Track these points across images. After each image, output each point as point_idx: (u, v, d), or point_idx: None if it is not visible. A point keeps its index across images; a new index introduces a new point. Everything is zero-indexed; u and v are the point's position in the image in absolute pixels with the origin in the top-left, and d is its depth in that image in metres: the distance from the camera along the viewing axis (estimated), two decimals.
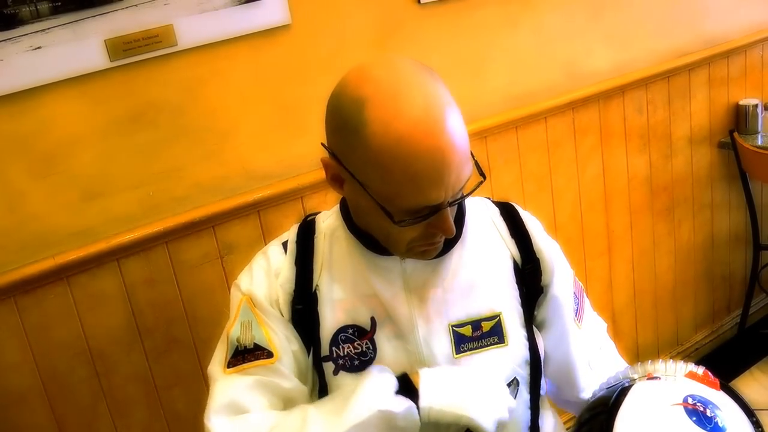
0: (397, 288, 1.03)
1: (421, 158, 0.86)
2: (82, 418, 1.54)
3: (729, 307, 2.78)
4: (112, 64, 1.43)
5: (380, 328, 1.04)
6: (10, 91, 1.35)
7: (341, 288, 1.05)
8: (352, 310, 1.04)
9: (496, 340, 1.04)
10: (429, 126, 0.86)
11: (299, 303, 1.05)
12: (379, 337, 1.04)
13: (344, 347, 1.04)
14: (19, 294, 1.43)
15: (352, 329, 1.04)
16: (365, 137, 0.87)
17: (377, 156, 0.87)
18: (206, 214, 1.57)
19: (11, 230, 1.42)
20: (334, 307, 1.04)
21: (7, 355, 1.44)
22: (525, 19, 1.97)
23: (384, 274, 1.03)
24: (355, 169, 0.92)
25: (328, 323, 1.04)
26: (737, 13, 2.46)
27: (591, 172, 2.19)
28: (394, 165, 0.87)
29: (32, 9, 1.33)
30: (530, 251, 1.09)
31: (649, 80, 2.24)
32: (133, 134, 1.49)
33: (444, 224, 0.93)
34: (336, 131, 0.94)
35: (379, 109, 0.87)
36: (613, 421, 0.87)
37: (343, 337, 1.04)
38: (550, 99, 2.04)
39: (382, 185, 0.90)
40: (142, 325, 1.57)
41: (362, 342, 1.03)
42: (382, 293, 1.03)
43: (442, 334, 1.03)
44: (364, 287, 1.04)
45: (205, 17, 1.50)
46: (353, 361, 1.03)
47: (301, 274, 1.06)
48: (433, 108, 0.87)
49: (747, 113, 2.47)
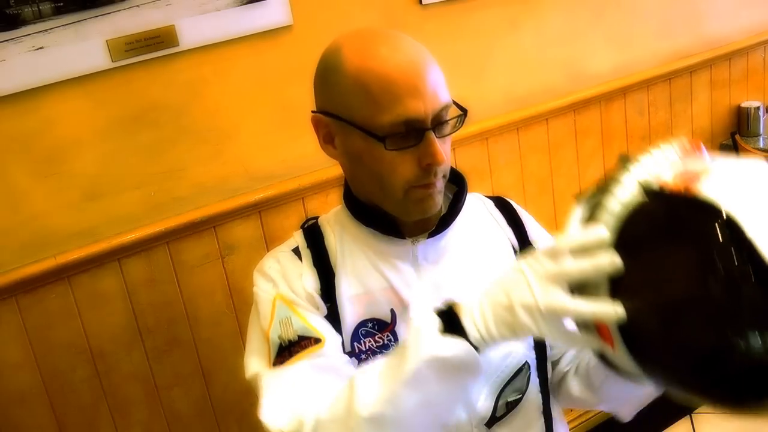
0: (411, 278, 1.04)
1: (395, 67, 0.92)
2: (83, 418, 1.54)
3: None
4: (114, 65, 1.44)
5: (400, 320, 1.04)
6: (12, 91, 1.36)
7: (358, 283, 1.05)
8: (371, 303, 1.04)
9: None
10: (402, 45, 0.95)
11: (328, 301, 1.04)
12: (401, 329, 1.04)
13: (365, 342, 1.03)
14: (21, 294, 1.43)
15: (372, 323, 1.04)
16: (343, 68, 0.95)
17: (354, 78, 0.93)
18: (207, 214, 1.57)
19: (13, 230, 1.42)
20: (353, 302, 1.04)
21: (8, 355, 1.44)
22: (526, 21, 1.97)
23: (397, 264, 1.04)
24: (339, 106, 0.97)
25: (348, 319, 1.04)
26: (739, 14, 2.45)
27: (592, 174, 2.19)
28: (369, 79, 0.92)
29: (34, 9, 1.33)
30: (526, 238, 1.12)
31: (650, 82, 2.24)
32: (134, 134, 1.50)
33: (432, 149, 0.94)
34: (320, 86, 1.01)
35: (354, 45, 0.96)
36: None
37: (363, 331, 1.04)
38: (552, 100, 2.04)
39: (363, 107, 0.93)
40: (143, 325, 1.57)
41: (383, 335, 1.04)
42: (397, 285, 1.04)
43: None
44: (379, 280, 1.04)
45: (206, 18, 1.50)
46: (375, 355, 1.03)
47: (322, 273, 1.05)
48: (407, 40, 0.96)
49: (749, 115, 2.47)
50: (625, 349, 0.74)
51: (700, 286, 0.67)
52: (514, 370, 1.04)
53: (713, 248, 0.66)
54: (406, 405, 0.84)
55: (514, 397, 1.04)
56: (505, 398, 1.04)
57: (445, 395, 0.87)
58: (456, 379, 0.85)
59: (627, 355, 0.75)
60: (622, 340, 0.74)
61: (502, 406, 1.04)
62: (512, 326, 0.81)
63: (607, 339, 0.75)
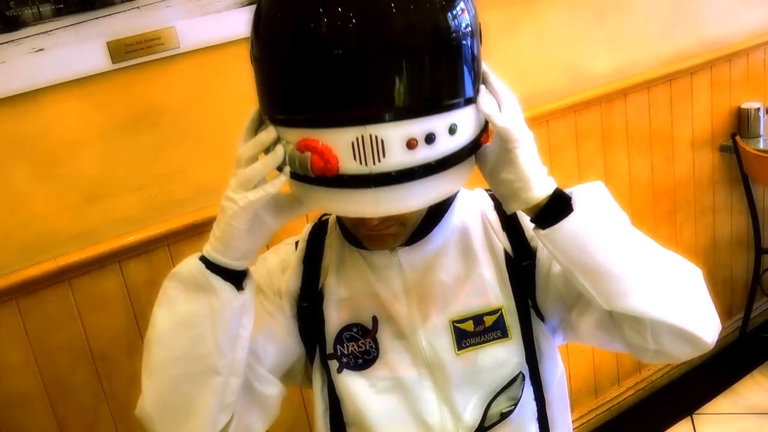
0: (396, 288, 1.03)
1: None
2: (84, 420, 1.54)
3: (731, 311, 2.78)
4: (114, 66, 1.43)
5: (382, 327, 1.04)
6: (12, 93, 1.36)
7: (347, 287, 1.05)
8: (356, 309, 1.05)
9: (499, 334, 1.03)
10: None
11: (305, 301, 1.05)
12: (382, 336, 1.04)
13: (348, 346, 1.04)
14: (21, 296, 1.43)
15: (356, 328, 1.05)
16: None
17: None
18: (208, 216, 1.57)
19: (13, 232, 1.42)
20: (339, 305, 1.05)
21: (9, 357, 1.44)
22: (527, 22, 1.97)
23: (383, 273, 1.03)
24: None
25: (333, 322, 1.05)
26: (739, 16, 2.46)
27: (593, 176, 2.19)
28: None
29: (34, 11, 1.33)
30: (524, 243, 1.05)
31: (651, 83, 2.24)
32: (134, 136, 1.49)
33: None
34: None
35: None
36: None
37: (347, 335, 1.04)
38: (552, 102, 2.04)
39: None
40: (144, 326, 1.55)
41: (366, 341, 1.04)
42: (382, 293, 1.03)
43: (442, 331, 1.03)
44: (366, 286, 1.04)
45: (206, 19, 1.50)
46: (357, 359, 1.04)
47: (307, 272, 1.06)
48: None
49: (749, 117, 2.47)
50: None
51: None
52: (507, 380, 1.03)
53: None
54: (160, 324, 0.91)
55: (507, 407, 1.03)
56: (497, 407, 1.03)
57: (192, 315, 0.89)
58: (193, 296, 0.90)
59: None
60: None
61: (495, 414, 1.02)
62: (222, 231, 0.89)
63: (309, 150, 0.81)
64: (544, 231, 0.87)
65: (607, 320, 0.95)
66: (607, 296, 0.87)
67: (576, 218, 0.86)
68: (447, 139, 0.81)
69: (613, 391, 2.46)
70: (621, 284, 0.86)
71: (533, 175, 0.87)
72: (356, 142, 0.77)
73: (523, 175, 0.87)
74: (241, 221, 0.87)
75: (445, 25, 0.78)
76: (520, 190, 0.87)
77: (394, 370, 1.03)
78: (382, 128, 0.77)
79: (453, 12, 0.79)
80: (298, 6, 0.79)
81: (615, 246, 0.87)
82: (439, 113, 0.79)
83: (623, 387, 2.47)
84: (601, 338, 0.98)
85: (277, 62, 0.82)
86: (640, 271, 0.88)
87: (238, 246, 0.89)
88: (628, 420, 2.45)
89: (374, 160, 0.78)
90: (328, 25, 0.75)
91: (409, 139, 0.78)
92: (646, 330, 0.89)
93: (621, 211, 0.91)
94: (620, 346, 0.96)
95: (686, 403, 2.49)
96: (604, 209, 0.90)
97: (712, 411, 2.47)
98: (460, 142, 0.83)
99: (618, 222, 0.90)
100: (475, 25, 0.84)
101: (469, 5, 0.83)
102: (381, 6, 0.76)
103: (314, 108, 0.80)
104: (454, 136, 0.81)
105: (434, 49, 0.78)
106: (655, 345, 0.89)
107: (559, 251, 0.87)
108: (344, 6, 0.75)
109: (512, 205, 0.90)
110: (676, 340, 0.89)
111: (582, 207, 0.87)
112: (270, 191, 0.85)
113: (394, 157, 0.78)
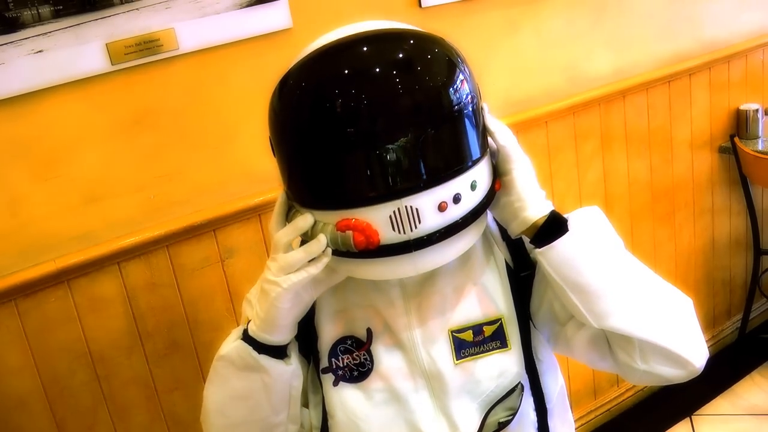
0: (394, 297, 1.02)
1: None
2: (83, 422, 1.54)
3: (729, 312, 2.78)
4: (113, 68, 1.43)
5: (378, 339, 1.03)
6: (11, 95, 1.36)
7: (341, 299, 1.04)
8: (350, 321, 1.04)
9: (498, 344, 1.03)
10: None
11: None
12: (377, 348, 1.03)
13: (343, 358, 1.03)
14: (20, 297, 1.43)
15: (351, 340, 1.04)
16: None
17: None
18: (207, 217, 1.57)
19: (12, 233, 1.42)
20: (333, 318, 1.04)
21: (8, 359, 1.44)
22: (526, 23, 1.97)
23: (381, 283, 1.02)
24: None
25: (327, 335, 1.04)
26: (738, 17, 2.46)
27: (592, 177, 2.19)
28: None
29: (34, 13, 1.33)
30: (524, 255, 1.06)
31: (650, 84, 2.24)
32: (134, 138, 1.49)
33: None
34: None
35: None
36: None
37: (342, 348, 1.03)
38: (551, 103, 2.04)
39: None
40: (143, 328, 1.56)
41: (360, 353, 1.03)
42: (379, 303, 1.02)
43: (441, 341, 1.02)
44: (361, 298, 1.03)
45: (206, 21, 1.50)
46: (352, 371, 1.03)
47: None
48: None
49: (748, 118, 2.47)
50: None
51: None
52: (506, 390, 1.02)
53: None
54: (215, 398, 1.01)
55: (505, 417, 1.02)
56: (495, 417, 1.02)
57: (247, 389, 0.99)
58: (245, 374, 0.97)
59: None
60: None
61: (492, 424, 1.02)
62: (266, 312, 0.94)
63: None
64: (540, 249, 0.93)
65: (601, 338, 0.99)
66: (596, 314, 0.92)
67: (570, 239, 0.92)
68: (470, 195, 0.89)
69: (613, 392, 2.46)
70: (609, 303, 0.92)
71: (530, 196, 0.94)
72: (394, 215, 0.85)
73: (520, 195, 0.94)
74: (284, 301, 0.93)
75: (457, 98, 0.87)
76: (519, 209, 0.95)
77: (389, 381, 1.02)
78: (416, 198, 0.85)
79: (455, 84, 0.88)
80: (325, 108, 0.86)
81: (606, 266, 0.93)
82: (462, 174, 0.88)
83: (622, 388, 2.47)
84: (592, 354, 1.02)
85: (312, 159, 0.89)
86: (629, 291, 0.94)
87: (283, 324, 0.96)
88: (627, 421, 2.45)
89: (411, 227, 0.86)
90: (363, 121, 0.84)
91: (440, 203, 0.86)
92: (635, 349, 0.94)
93: (616, 236, 0.97)
94: (609, 365, 1.01)
95: (685, 404, 2.49)
96: (598, 232, 0.95)
97: (711, 412, 2.47)
98: (480, 195, 0.91)
99: (611, 245, 0.96)
100: (475, 84, 0.92)
101: (466, 70, 0.91)
102: (406, 93, 0.86)
103: (352, 194, 0.88)
104: (475, 191, 0.90)
105: (453, 122, 0.88)
106: (644, 365, 0.94)
107: (553, 269, 0.93)
108: (370, 99, 0.84)
109: (513, 226, 0.97)
110: (663, 361, 0.94)
111: (576, 229, 0.93)
112: (313, 273, 0.91)
113: (428, 222, 0.87)
